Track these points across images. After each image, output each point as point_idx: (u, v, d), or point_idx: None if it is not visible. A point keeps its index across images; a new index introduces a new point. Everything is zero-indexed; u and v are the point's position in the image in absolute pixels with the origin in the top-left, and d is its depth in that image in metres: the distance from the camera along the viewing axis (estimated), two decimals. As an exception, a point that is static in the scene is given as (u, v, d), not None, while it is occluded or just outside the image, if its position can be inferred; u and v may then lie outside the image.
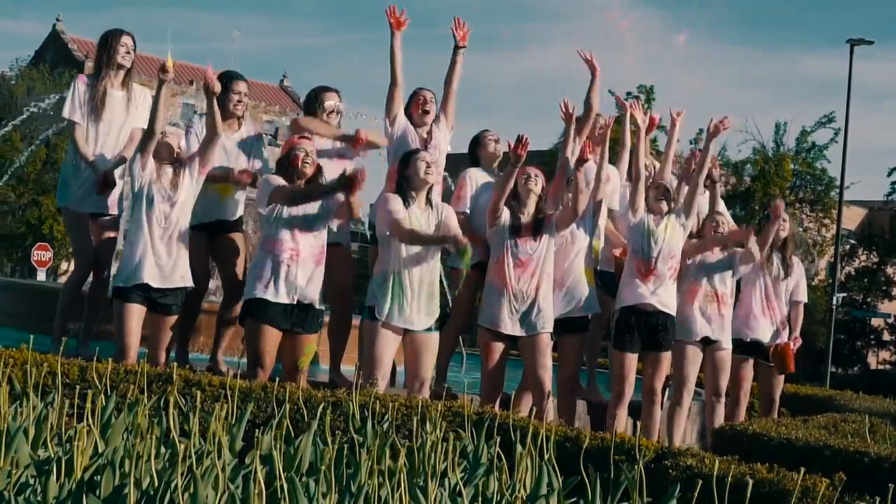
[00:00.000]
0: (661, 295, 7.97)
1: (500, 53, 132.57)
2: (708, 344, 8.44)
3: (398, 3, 7.74)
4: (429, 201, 7.28)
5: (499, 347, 7.61)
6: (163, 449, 4.01)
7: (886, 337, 45.89)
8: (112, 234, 8.07)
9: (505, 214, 7.59)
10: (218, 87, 7.25)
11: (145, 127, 7.39)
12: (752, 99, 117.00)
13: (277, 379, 5.54)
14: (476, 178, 8.18)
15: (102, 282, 7.96)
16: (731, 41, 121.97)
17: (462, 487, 3.87)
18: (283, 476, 3.38)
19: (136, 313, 7.08)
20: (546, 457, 4.61)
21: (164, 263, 7.12)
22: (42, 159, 41.97)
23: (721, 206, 8.94)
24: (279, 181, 7.08)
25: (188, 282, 7.26)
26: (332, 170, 7.43)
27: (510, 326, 7.54)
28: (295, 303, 6.99)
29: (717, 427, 7.82)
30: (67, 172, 7.95)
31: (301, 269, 7.00)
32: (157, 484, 3.22)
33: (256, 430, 4.49)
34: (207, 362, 8.07)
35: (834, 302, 32.57)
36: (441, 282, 7.56)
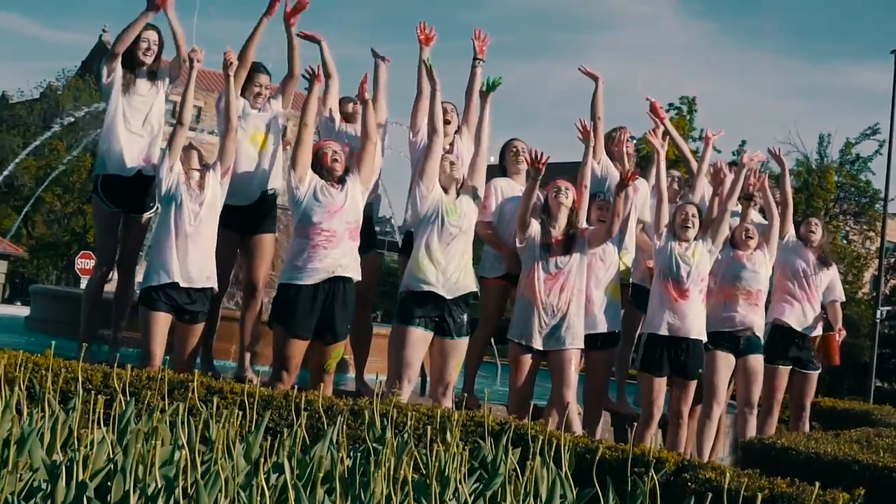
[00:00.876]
0: (690, 320, 7.91)
1: (544, 64, 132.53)
2: (741, 354, 8.36)
3: (429, 20, 7.84)
4: (457, 193, 7.42)
5: (528, 361, 7.58)
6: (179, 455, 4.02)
7: (933, 351, 45.18)
8: (139, 236, 8.14)
9: (535, 228, 7.59)
10: (233, 59, 7.38)
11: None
12: (796, 110, 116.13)
13: (296, 387, 5.54)
14: (502, 187, 8.18)
15: (128, 284, 8.03)
16: (775, 52, 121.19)
17: (468, 498, 3.84)
18: (290, 484, 3.37)
19: (162, 320, 7.12)
20: (564, 468, 4.58)
21: (192, 264, 7.16)
22: (87, 168, 42.37)
23: (752, 218, 8.87)
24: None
25: (213, 283, 7.31)
26: None
27: (539, 341, 7.51)
28: (332, 274, 7.03)
29: (746, 440, 7.74)
30: (106, 137, 7.91)
31: (337, 248, 7.06)
32: (162, 490, 3.23)
33: (276, 438, 4.49)
34: (236, 370, 8.11)
35: (878, 315, 32.13)
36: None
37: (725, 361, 8.30)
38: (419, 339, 7.25)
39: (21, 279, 48.21)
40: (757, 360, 8.46)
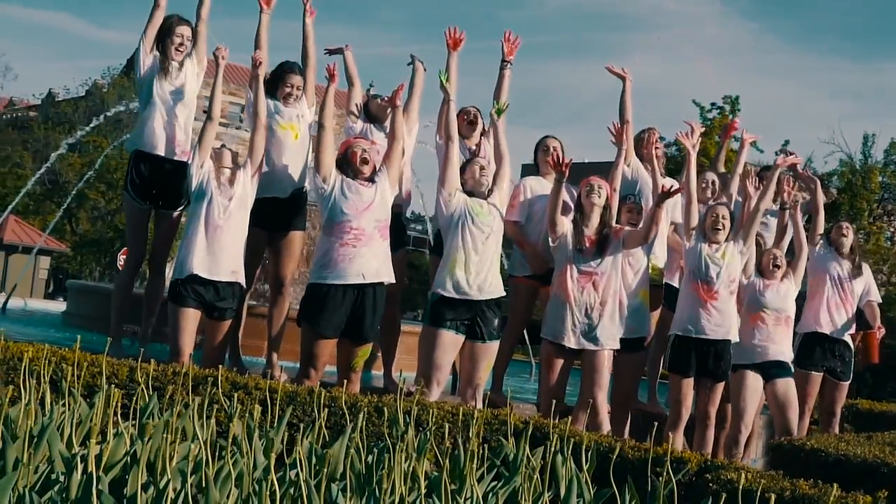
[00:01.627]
0: (720, 321, 7.84)
1: (586, 63, 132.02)
2: (770, 377, 8.24)
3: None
4: (485, 197, 7.43)
5: (560, 360, 7.53)
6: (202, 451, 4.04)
7: (978, 354, 44.52)
8: (168, 232, 8.25)
9: (567, 227, 7.55)
10: (262, 59, 7.49)
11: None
12: (840, 110, 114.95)
13: (318, 385, 5.54)
14: (531, 186, 8.17)
15: (158, 280, 8.10)
16: (820, 52, 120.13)
17: (481, 497, 3.84)
18: (303, 480, 3.39)
19: (190, 316, 7.15)
20: (584, 467, 4.57)
21: (219, 257, 7.17)
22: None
23: (789, 234, 8.79)
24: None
25: (240, 278, 7.33)
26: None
27: (573, 340, 7.47)
28: (364, 281, 7.02)
29: (775, 441, 7.66)
30: (143, 115, 8.08)
31: (367, 247, 7.04)
32: (169, 483, 3.25)
33: (299, 434, 4.50)
34: (264, 367, 8.14)
35: (922, 318, 31.72)
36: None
37: (754, 382, 8.15)
38: (450, 342, 7.24)
39: (65, 275, 48.71)
40: (787, 385, 8.27)
